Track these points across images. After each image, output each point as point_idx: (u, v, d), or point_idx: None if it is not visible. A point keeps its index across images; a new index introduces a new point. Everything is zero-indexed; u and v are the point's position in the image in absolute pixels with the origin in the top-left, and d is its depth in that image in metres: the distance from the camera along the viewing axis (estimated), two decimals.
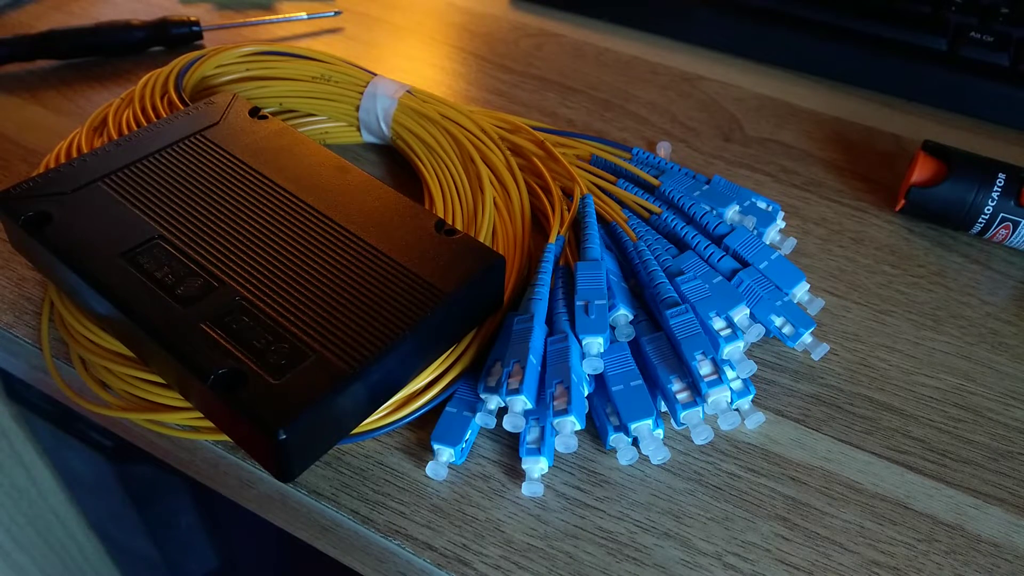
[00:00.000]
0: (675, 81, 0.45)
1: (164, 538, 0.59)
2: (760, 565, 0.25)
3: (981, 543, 0.25)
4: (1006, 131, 0.42)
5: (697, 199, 0.33)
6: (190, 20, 0.45)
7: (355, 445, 0.27)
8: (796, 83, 0.45)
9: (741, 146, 0.41)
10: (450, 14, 0.50)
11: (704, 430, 0.26)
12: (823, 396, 0.29)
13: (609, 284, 0.29)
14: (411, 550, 0.25)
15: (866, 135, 0.42)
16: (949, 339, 0.32)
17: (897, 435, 0.28)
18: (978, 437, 0.28)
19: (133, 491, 0.56)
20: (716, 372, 0.26)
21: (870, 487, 0.27)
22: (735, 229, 0.31)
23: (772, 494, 0.26)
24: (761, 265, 0.30)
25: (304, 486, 0.26)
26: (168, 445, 0.30)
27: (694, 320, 0.27)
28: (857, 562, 0.25)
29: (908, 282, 0.34)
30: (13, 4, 0.49)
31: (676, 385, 0.27)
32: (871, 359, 0.31)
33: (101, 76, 0.43)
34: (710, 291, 0.28)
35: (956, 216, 0.35)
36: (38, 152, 0.38)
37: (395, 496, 0.26)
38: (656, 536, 0.25)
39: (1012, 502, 0.27)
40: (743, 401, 0.27)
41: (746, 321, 0.28)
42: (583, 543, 0.25)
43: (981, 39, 0.43)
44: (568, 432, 0.26)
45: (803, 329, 0.28)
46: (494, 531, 0.25)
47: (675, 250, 0.31)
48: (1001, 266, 0.35)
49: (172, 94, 0.35)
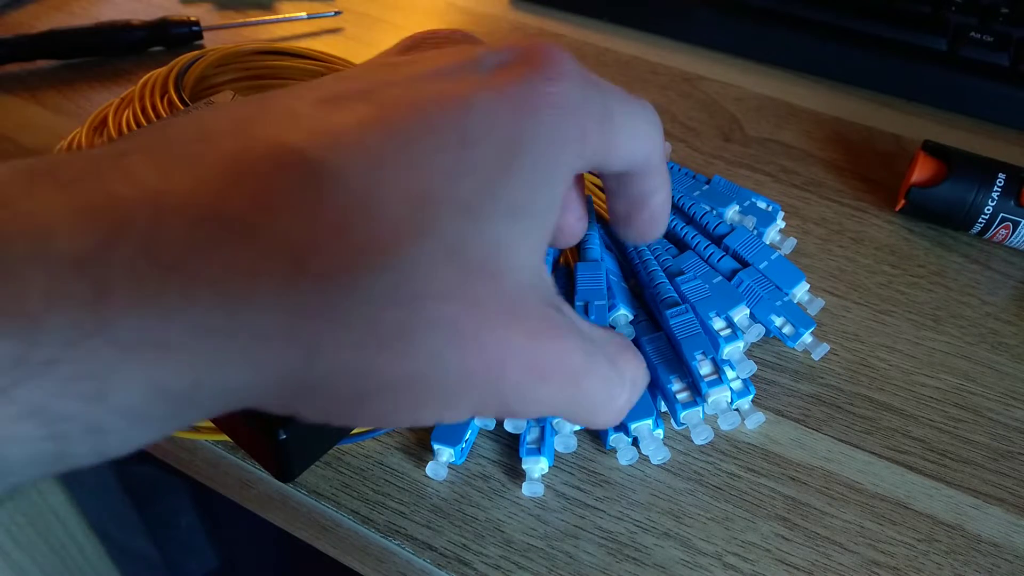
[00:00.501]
0: (675, 81, 0.45)
1: (164, 538, 0.59)
2: (760, 565, 0.25)
3: (981, 543, 0.25)
4: (1006, 131, 0.42)
5: (697, 199, 0.33)
6: (190, 20, 0.45)
7: (355, 445, 0.27)
8: (796, 83, 0.45)
9: (741, 146, 0.41)
10: (450, 14, 0.50)
11: (704, 430, 0.26)
12: (823, 396, 0.29)
13: (609, 284, 0.29)
14: (411, 550, 0.25)
15: (866, 135, 0.42)
16: (949, 339, 0.32)
17: (897, 435, 0.28)
18: (978, 437, 0.28)
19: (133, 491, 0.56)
20: (716, 372, 0.26)
21: (870, 487, 0.27)
22: (735, 229, 0.31)
23: (772, 494, 0.26)
24: (761, 265, 0.30)
25: (304, 486, 0.26)
26: (168, 445, 0.30)
27: (694, 320, 0.27)
28: (857, 562, 0.25)
29: (908, 282, 0.34)
30: (13, 4, 0.49)
31: (676, 385, 0.27)
32: (871, 359, 0.31)
33: (101, 76, 0.43)
34: (710, 291, 0.28)
35: (956, 216, 0.35)
36: (38, 152, 0.38)
37: (395, 496, 0.26)
38: (656, 536, 0.25)
39: (1012, 502, 0.27)
40: (743, 401, 0.27)
41: (746, 321, 0.28)
42: (583, 543, 0.25)
43: (981, 39, 0.43)
44: (567, 432, 0.26)
45: (803, 329, 0.28)
46: (494, 531, 0.25)
47: (675, 250, 0.31)
48: (1001, 266, 0.35)
49: (172, 94, 0.35)
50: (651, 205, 0.23)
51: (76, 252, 0.12)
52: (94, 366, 0.12)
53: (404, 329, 0.15)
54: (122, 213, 0.13)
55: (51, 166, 0.14)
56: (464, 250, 0.16)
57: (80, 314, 0.12)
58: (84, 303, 0.12)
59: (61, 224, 0.12)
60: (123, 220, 0.13)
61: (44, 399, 0.12)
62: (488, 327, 0.16)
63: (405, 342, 0.15)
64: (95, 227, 0.13)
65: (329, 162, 0.15)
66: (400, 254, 0.15)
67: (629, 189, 0.23)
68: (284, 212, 0.14)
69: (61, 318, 0.12)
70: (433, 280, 0.15)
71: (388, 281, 0.15)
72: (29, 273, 0.12)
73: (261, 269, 0.13)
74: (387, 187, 0.15)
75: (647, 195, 0.23)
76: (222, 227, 0.13)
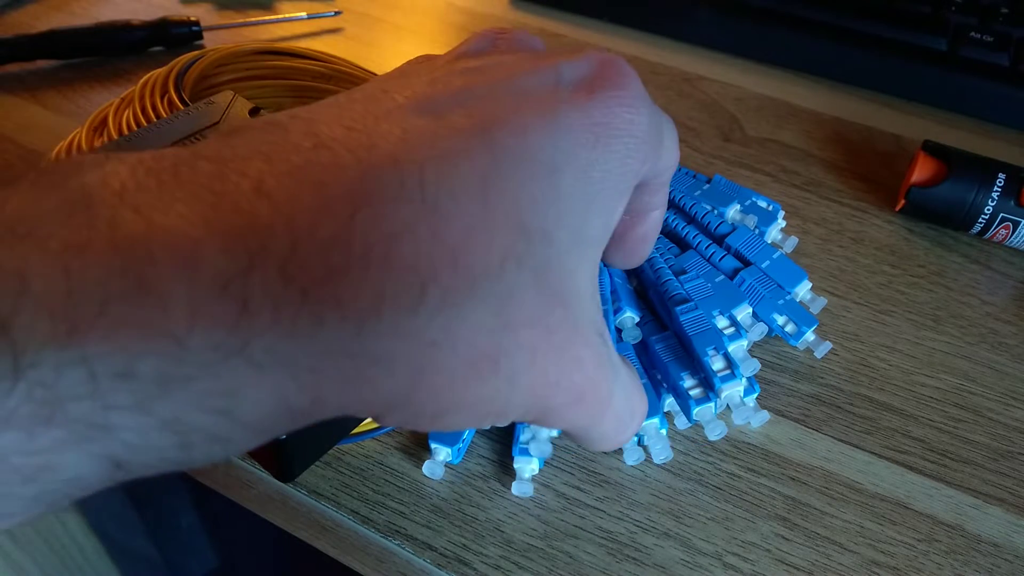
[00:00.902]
0: (675, 81, 0.45)
1: (164, 538, 0.59)
2: (760, 565, 0.25)
3: (981, 543, 0.25)
4: (1006, 131, 0.42)
5: (698, 199, 0.33)
6: (190, 20, 0.45)
7: (355, 445, 0.27)
8: (796, 83, 0.45)
9: (741, 146, 0.41)
10: (450, 14, 0.50)
11: (718, 425, 0.26)
12: (823, 396, 0.29)
13: (614, 287, 0.29)
14: (411, 550, 0.25)
15: (866, 135, 0.42)
16: (949, 339, 0.32)
17: (897, 435, 0.28)
18: (978, 437, 0.28)
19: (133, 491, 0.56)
20: (728, 367, 0.26)
21: (870, 487, 0.27)
22: (736, 228, 0.31)
23: (772, 494, 0.26)
24: (763, 264, 0.30)
25: (304, 486, 0.26)
26: None
27: (704, 316, 0.27)
28: (857, 562, 0.25)
29: (908, 282, 0.34)
30: (13, 4, 0.49)
31: (688, 382, 0.27)
32: (871, 359, 0.31)
33: (101, 76, 0.43)
34: (712, 290, 0.28)
35: (956, 216, 0.35)
36: (38, 152, 0.38)
37: (395, 496, 0.26)
38: (656, 536, 0.25)
39: (1012, 502, 0.27)
40: (748, 399, 0.27)
41: (749, 320, 0.28)
42: (583, 543, 0.25)
43: (981, 39, 0.43)
44: (544, 438, 0.26)
45: (806, 327, 0.28)
46: (494, 531, 0.25)
47: (677, 249, 0.31)
48: (1001, 266, 0.35)
49: (172, 94, 0.35)
50: (647, 220, 0.23)
51: (219, 274, 0.13)
52: (229, 384, 0.13)
53: (495, 355, 0.16)
54: (262, 236, 0.13)
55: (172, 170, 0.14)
56: (547, 277, 0.16)
57: (220, 336, 0.13)
58: (225, 325, 0.13)
59: (205, 245, 0.13)
60: (263, 244, 0.13)
61: (179, 411, 0.13)
62: (556, 354, 0.17)
63: (493, 365, 0.16)
64: (237, 250, 0.13)
65: (445, 186, 0.15)
66: (503, 281, 0.15)
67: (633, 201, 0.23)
68: (405, 237, 0.14)
69: (203, 339, 0.12)
70: (523, 307, 0.16)
71: (489, 308, 0.15)
72: (175, 293, 0.12)
73: (387, 295, 0.14)
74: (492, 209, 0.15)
75: (647, 208, 0.23)
76: (349, 253, 0.14)
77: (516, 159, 0.16)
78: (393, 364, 0.14)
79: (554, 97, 0.17)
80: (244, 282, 0.13)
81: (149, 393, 0.12)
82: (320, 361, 0.14)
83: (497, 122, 0.16)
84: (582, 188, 0.17)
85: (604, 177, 0.18)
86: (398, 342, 0.14)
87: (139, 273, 0.12)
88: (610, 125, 0.18)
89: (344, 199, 0.14)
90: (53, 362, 0.12)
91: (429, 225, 0.14)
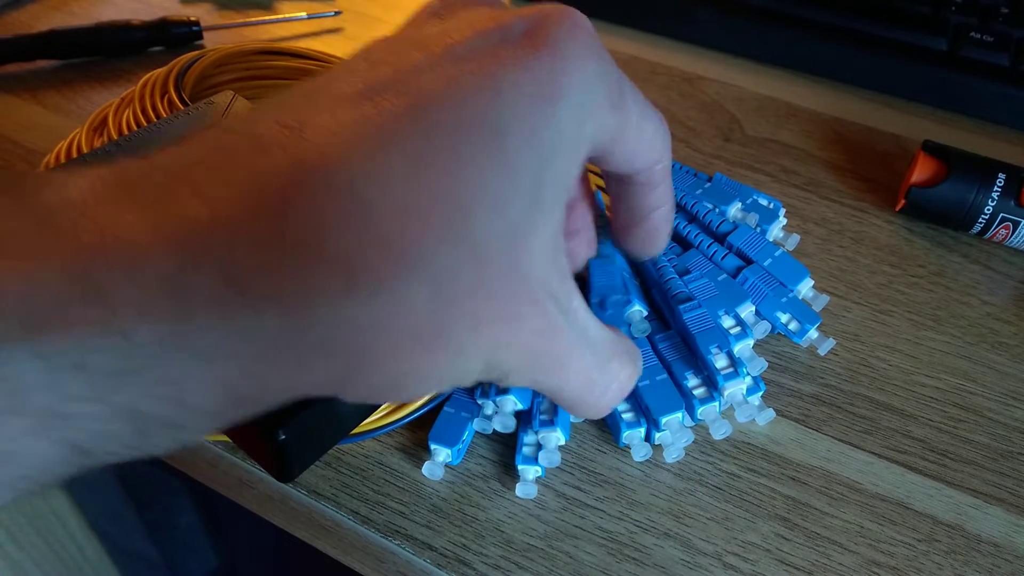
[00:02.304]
0: (675, 81, 0.45)
1: (164, 538, 0.60)
2: (760, 565, 0.25)
3: (981, 543, 0.25)
4: (1006, 131, 0.42)
5: (699, 197, 0.33)
6: (190, 20, 0.45)
7: (355, 445, 0.27)
8: (796, 83, 0.45)
9: (741, 146, 0.41)
10: None
11: (722, 425, 0.26)
12: (823, 396, 0.29)
13: (624, 280, 0.29)
14: (411, 550, 0.25)
15: (866, 135, 0.42)
16: (949, 339, 0.32)
17: (897, 435, 0.28)
18: (978, 437, 0.28)
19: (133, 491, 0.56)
20: (732, 365, 0.26)
21: (870, 487, 0.27)
22: (738, 227, 0.31)
23: (772, 494, 0.26)
24: (765, 262, 0.30)
25: (304, 486, 0.26)
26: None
27: (707, 314, 0.27)
28: (857, 562, 0.25)
29: (908, 282, 0.34)
30: (13, 4, 0.49)
31: (692, 381, 0.27)
32: (871, 359, 0.31)
33: (101, 76, 0.43)
34: (716, 289, 0.28)
35: (956, 216, 0.35)
36: (38, 152, 0.38)
37: (395, 496, 0.26)
38: (656, 536, 0.25)
39: (1012, 502, 0.27)
40: (753, 398, 0.27)
41: (752, 318, 0.28)
42: (583, 543, 0.25)
43: (981, 39, 0.43)
44: (552, 447, 0.26)
45: (809, 325, 0.28)
46: (494, 531, 0.25)
47: (679, 248, 0.31)
48: (1001, 266, 0.35)
49: (172, 94, 0.35)
50: (652, 219, 0.23)
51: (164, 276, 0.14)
52: (175, 373, 0.14)
53: (438, 328, 0.16)
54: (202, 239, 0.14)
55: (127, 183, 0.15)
56: (487, 245, 0.16)
57: (164, 331, 0.14)
58: (170, 321, 0.14)
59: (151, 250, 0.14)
60: (203, 247, 0.14)
61: (132, 400, 0.14)
62: (501, 318, 0.17)
63: (437, 338, 0.16)
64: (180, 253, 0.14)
65: (373, 175, 0.15)
66: (437, 262, 0.16)
67: (631, 199, 0.23)
68: (333, 230, 0.15)
69: (149, 334, 0.14)
70: (461, 281, 0.16)
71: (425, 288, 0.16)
72: (123, 294, 0.14)
73: (318, 287, 0.15)
74: (424, 191, 0.16)
75: (649, 208, 0.23)
76: (283, 251, 0.15)
77: (453, 133, 0.16)
78: (331, 349, 0.15)
79: (495, 58, 0.17)
80: (186, 282, 0.14)
81: (104, 384, 0.14)
82: (262, 351, 0.15)
83: (432, 97, 0.16)
84: (533, 151, 0.17)
85: (556, 138, 0.17)
86: (333, 330, 0.15)
87: (93, 278, 0.13)
88: (556, 83, 0.17)
89: (275, 198, 0.15)
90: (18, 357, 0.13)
91: (358, 216, 0.15)
